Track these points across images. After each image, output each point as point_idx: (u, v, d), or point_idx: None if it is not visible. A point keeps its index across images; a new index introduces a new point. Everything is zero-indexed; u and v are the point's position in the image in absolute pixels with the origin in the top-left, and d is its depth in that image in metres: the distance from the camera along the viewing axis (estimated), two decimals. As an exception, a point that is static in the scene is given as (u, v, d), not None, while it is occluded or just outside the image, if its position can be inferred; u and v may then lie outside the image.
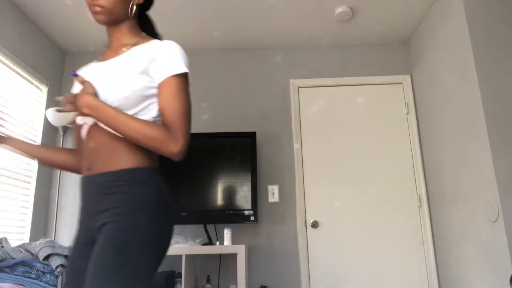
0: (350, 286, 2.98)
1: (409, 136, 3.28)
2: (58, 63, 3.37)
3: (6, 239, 2.26)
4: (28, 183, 2.88)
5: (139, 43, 1.25)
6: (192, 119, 3.34)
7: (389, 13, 3.04)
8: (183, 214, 2.88)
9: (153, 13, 3.22)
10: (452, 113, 2.69)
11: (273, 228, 3.12)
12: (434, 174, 3.02)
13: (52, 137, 3.23)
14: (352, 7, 2.95)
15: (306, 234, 3.08)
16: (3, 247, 2.18)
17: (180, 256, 2.64)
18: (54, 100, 3.24)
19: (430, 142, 3.07)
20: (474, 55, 2.39)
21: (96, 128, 1.17)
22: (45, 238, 2.28)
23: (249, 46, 3.48)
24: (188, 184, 2.95)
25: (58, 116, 2.94)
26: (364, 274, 3.01)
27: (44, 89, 3.15)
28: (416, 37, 3.29)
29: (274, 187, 3.18)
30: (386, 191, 3.16)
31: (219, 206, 2.92)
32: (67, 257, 1.19)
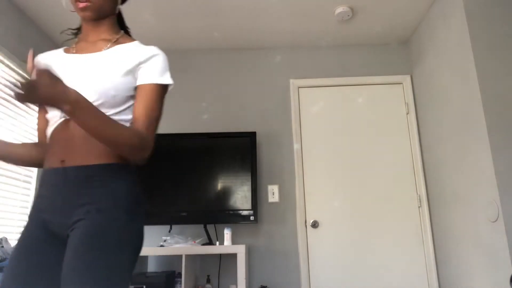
0: (350, 286, 2.98)
1: (409, 136, 3.28)
2: (58, 63, 3.36)
3: (6, 239, 2.26)
4: (28, 183, 2.88)
5: (120, 41, 1.24)
6: (192, 119, 3.35)
7: (389, 13, 3.04)
8: (183, 214, 2.88)
9: (153, 13, 3.20)
10: (452, 113, 2.69)
11: (273, 228, 3.11)
12: (434, 174, 3.02)
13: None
14: (352, 7, 2.95)
15: (306, 234, 3.08)
16: (3, 247, 2.18)
17: (180, 256, 2.64)
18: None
19: (430, 142, 3.07)
20: (474, 55, 2.39)
21: (73, 122, 1.11)
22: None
23: (249, 46, 3.48)
24: (188, 184, 2.95)
25: None
26: (364, 274, 3.01)
27: (44, 89, 3.15)
28: (416, 37, 3.29)
29: (274, 187, 3.18)
30: (386, 191, 3.16)
31: (219, 206, 2.92)
32: (13, 252, 1.11)
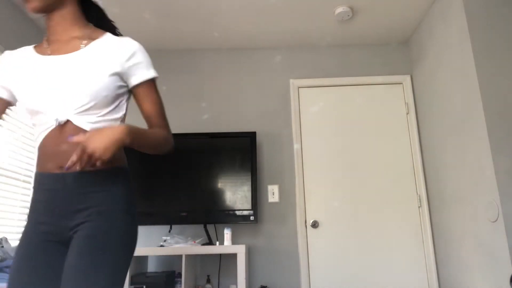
0: (350, 286, 2.98)
1: (409, 136, 3.28)
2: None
3: (6, 239, 2.26)
4: (28, 183, 2.88)
5: (94, 37, 1.22)
6: (192, 119, 3.35)
7: (389, 13, 3.04)
8: (183, 214, 2.88)
9: (153, 13, 3.20)
10: (452, 113, 2.69)
11: (273, 228, 3.11)
12: (434, 174, 3.02)
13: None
14: (352, 7, 2.95)
15: (306, 234, 3.08)
16: (3, 247, 2.18)
17: (180, 256, 2.64)
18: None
19: (430, 142, 3.07)
20: (474, 55, 2.39)
21: (67, 126, 1.13)
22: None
23: (249, 46, 3.48)
24: (188, 184, 2.95)
25: None
26: (364, 274, 3.01)
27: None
28: (416, 37, 3.29)
29: (274, 187, 3.18)
30: (386, 191, 3.16)
31: (219, 206, 2.92)
32: (14, 256, 1.14)
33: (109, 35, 1.24)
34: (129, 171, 1.22)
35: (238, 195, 2.93)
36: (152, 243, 3.04)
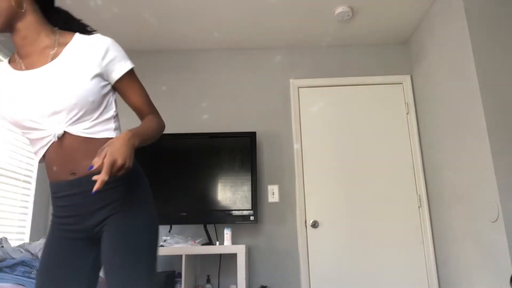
0: (349, 286, 2.98)
1: (409, 136, 3.28)
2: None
3: (6, 239, 2.26)
4: (28, 183, 2.88)
5: (63, 42, 1.19)
6: (192, 119, 3.35)
7: (389, 13, 3.04)
8: (183, 214, 2.88)
9: (153, 13, 3.19)
10: (452, 113, 2.69)
11: (273, 228, 3.11)
12: (434, 174, 3.02)
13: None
14: (352, 7, 2.95)
15: (306, 234, 3.08)
16: (3, 247, 2.18)
17: (180, 256, 2.64)
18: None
19: (430, 142, 3.07)
20: (474, 55, 2.39)
21: (66, 138, 1.15)
22: (45, 238, 2.28)
23: (249, 46, 3.48)
24: (188, 184, 2.95)
25: None
26: (364, 274, 3.01)
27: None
28: (416, 37, 3.29)
29: (274, 187, 3.18)
30: (386, 191, 3.16)
31: (219, 206, 2.92)
32: (41, 260, 1.21)
33: (78, 36, 1.21)
34: (137, 164, 1.27)
35: (238, 195, 2.93)
36: (152, 243, 3.03)
